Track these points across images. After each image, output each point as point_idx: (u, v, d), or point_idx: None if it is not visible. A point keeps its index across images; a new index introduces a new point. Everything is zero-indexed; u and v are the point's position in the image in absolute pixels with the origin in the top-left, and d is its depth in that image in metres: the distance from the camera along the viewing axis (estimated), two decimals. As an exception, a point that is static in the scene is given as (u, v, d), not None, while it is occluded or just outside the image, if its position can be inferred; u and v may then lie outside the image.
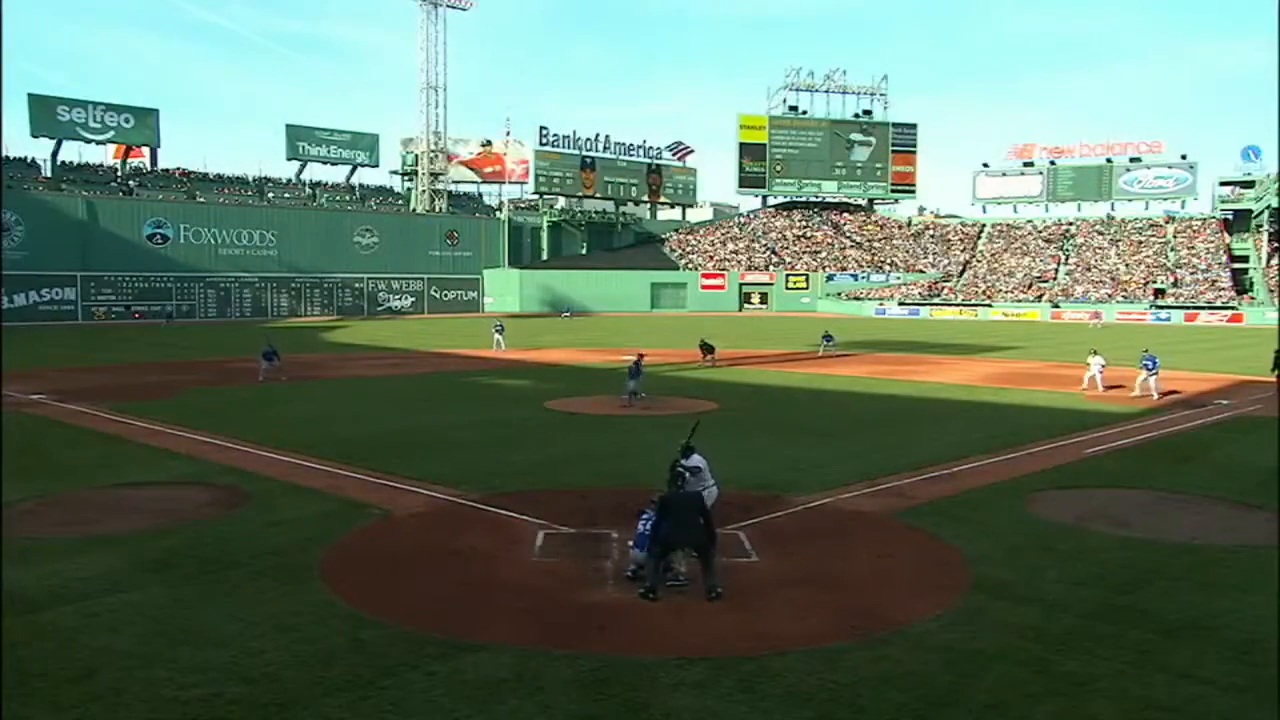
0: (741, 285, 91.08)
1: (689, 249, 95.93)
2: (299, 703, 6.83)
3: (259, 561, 10.29)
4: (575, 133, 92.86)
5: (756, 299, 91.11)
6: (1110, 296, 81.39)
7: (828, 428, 20.02)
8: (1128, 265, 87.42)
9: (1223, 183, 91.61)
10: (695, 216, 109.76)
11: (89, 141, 71.09)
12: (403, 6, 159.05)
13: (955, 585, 9.61)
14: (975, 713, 6.78)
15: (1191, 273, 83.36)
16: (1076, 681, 7.31)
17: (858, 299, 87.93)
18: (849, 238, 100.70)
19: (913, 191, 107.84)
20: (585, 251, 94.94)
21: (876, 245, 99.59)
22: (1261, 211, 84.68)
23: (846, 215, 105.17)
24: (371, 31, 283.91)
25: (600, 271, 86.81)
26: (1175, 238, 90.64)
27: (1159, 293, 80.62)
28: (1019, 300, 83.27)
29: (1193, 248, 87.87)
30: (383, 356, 39.16)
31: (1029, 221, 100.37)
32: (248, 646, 7.84)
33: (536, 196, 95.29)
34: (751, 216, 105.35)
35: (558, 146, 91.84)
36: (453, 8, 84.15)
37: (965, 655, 7.77)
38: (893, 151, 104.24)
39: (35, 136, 68.18)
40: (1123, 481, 14.67)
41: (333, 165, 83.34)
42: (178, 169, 79.12)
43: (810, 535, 11.52)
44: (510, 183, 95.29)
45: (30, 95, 67.31)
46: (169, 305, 68.08)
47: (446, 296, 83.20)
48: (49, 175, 70.26)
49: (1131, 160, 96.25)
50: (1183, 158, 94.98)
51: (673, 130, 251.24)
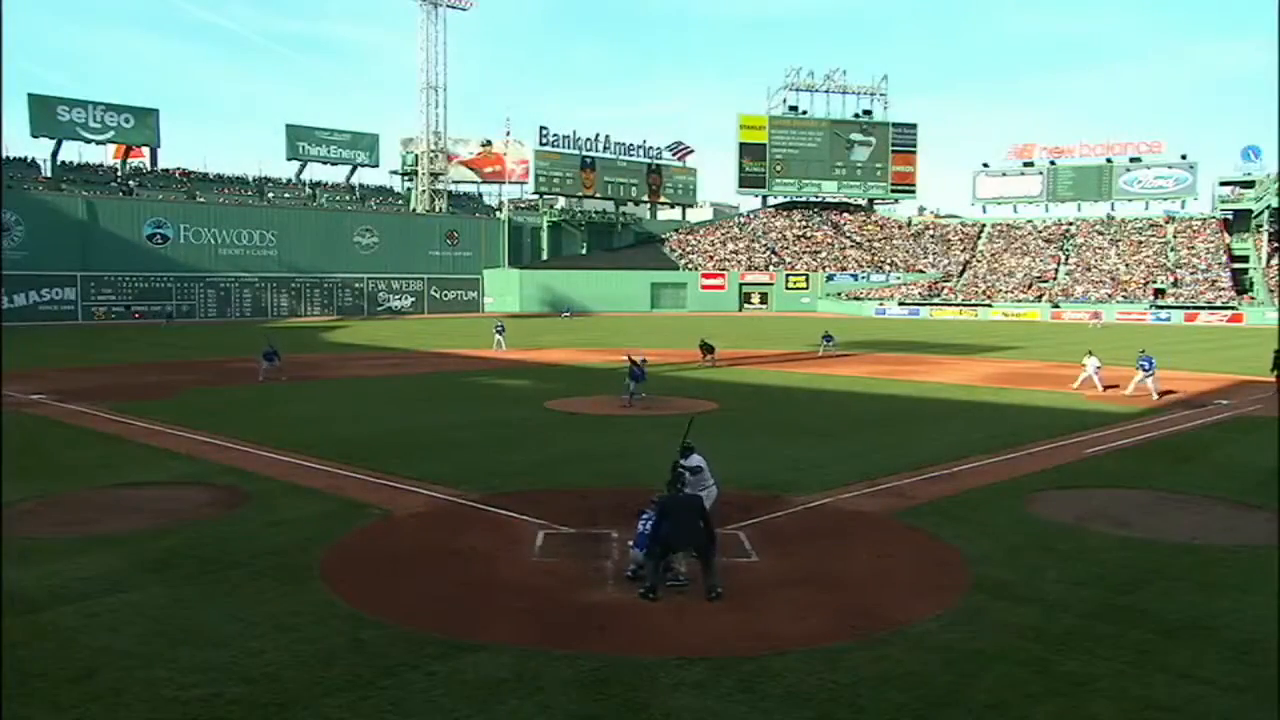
0: (741, 285, 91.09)
1: (689, 249, 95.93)
2: (299, 703, 6.83)
3: (259, 561, 10.29)
4: (575, 133, 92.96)
5: (756, 299, 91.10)
6: (1110, 296, 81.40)
7: (828, 428, 20.02)
8: (1128, 265, 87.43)
9: (1223, 183, 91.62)
10: (695, 216, 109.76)
11: (89, 141, 71.10)
12: (403, 6, 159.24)
13: (955, 585, 9.61)
14: (975, 713, 6.77)
15: (1191, 273, 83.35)
16: (1076, 681, 7.30)
17: (858, 299, 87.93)
18: (849, 238, 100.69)
19: (913, 191, 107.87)
20: (585, 251, 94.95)
21: (876, 245, 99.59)
22: (1261, 211, 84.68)
23: (846, 215, 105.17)
24: (371, 31, 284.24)
25: (600, 271, 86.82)
26: (1175, 238, 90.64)
27: (1159, 293, 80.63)
28: (1019, 300, 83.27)
29: (1193, 248, 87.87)
30: (383, 356, 39.15)
31: (1029, 221, 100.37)
32: (248, 646, 7.84)
33: (536, 196, 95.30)
34: (751, 216, 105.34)
35: (558, 146, 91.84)
36: (453, 8, 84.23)
37: (965, 655, 7.77)
38: (893, 151, 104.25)
39: (35, 136, 68.27)
40: (1123, 481, 14.67)
41: (333, 165, 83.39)
42: (178, 169, 79.12)
43: (810, 535, 11.52)
44: (510, 183, 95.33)
45: (30, 95, 67.37)
46: (169, 305, 68.09)
47: (446, 296, 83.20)
48: (49, 175, 70.28)
49: (1131, 160, 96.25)
50: (1183, 158, 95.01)
51: (673, 130, 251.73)
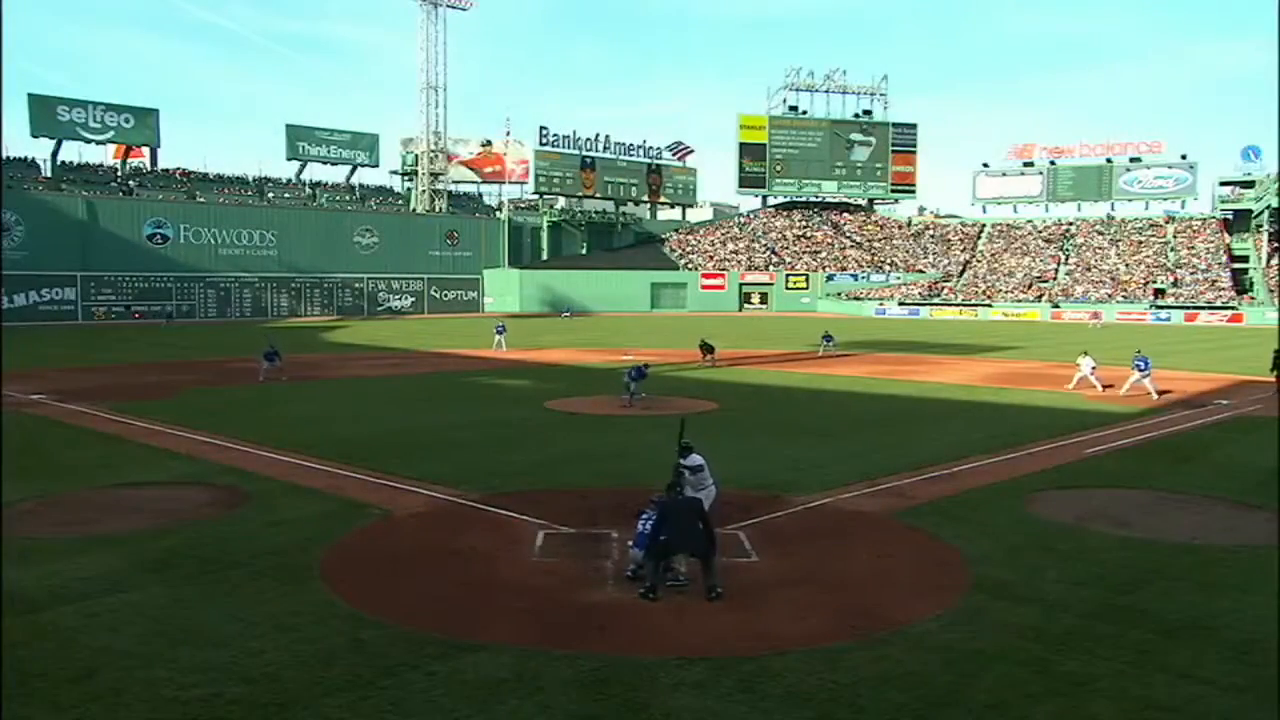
0: (741, 285, 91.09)
1: (689, 249, 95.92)
2: (299, 703, 6.82)
3: (259, 561, 10.28)
4: (575, 133, 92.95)
5: (756, 299, 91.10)
6: (1110, 296, 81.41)
7: (828, 428, 20.01)
8: (1128, 265, 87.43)
9: (1223, 183, 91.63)
10: (695, 216, 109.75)
11: (89, 141, 71.10)
12: (403, 6, 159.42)
13: (955, 585, 9.61)
14: (975, 713, 6.77)
15: (1191, 273, 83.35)
16: (1076, 681, 7.30)
17: (858, 299, 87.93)
18: (849, 238, 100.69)
19: (913, 191, 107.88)
20: (585, 251, 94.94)
21: (876, 245, 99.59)
22: (1261, 211, 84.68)
23: (846, 215, 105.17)
24: (371, 31, 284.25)
25: (600, 271, 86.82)
26: (1175, 238, 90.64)
27: (1159, 293, 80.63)
28: (1019, 300, 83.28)
29: (1193, 248, 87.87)
30: (383, 356, 39.14)
31: (1029, 221, 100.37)
32: (248, 646, 7.84)
33: (536, 196, 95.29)
34: (751, 216, 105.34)
35: (558, 146, 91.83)
36: (453, 8, 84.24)
37: (965, 655, 7.77)
38: (893, 151, 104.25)
39: (35, 136, 68.26)
40: (1123, 481, 14.66)
41: (333, 165, 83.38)
42: (178, 169, 79.12)
43: (810, 535, 11.52)
44: (510, 183, 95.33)
45: (30, 95, 67.35)
46: (169, 305, 68.09)
47: (446, 296, 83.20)
48: (49, 175, 70.28)
49: (1131, 160, 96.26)
50: (1183, 158, 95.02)
51: (673, 130, 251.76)
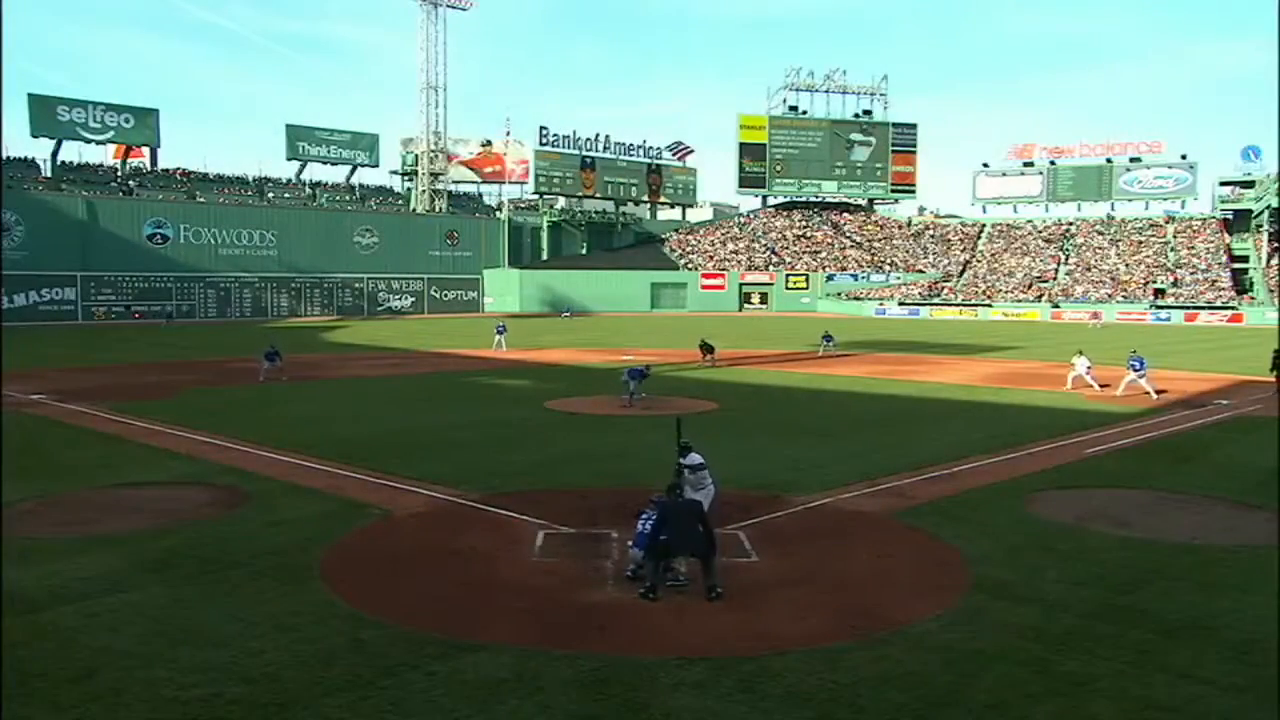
0: (741, 285, 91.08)
1: (689, 249, 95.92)
2: (299, 703, 6.83)
3: (259, 561, 10.29)
4: (575, 133, 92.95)
5: (756, 299, 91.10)
6: (1110, 296, 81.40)
7: (828, 428, 20.01)
8: (1128, 265, 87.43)
9: (1223, 183, 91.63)
10: (695, 216, 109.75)
11: (89, 141, 71.11)
12: (403, 6, 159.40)
13: (955, 585, 9.61)
14: (975, 713, 6.77)
15: (1191, 273, 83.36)
16: (1076, 681, 7.30)
17: (858, 299, 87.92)
18: (849, 238, 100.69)
19: (913, 191, 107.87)
20: (585, 251, 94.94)
21: (876, 245, 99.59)
22: (1261, 211, 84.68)
23: (846, 215, 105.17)
24: (371, 31, 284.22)
25: (600, 271, 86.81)
26: (1175, 238, 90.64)
27: (1159, 293, 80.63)
28: (1019, 300, 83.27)
29: (1193, 248, 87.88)
30: (383, 356, 39.15)
31: (1029, 221, 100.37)
32: (248, 646, 7.84)
33: (536, 196, 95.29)
34: (751, 216, 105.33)
35: (558, 146, 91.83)
36: (453, 8, 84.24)
37: (965, 655, 7.77)
38: (893, 151, 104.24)
39: (35, 136, 68.27)
40: (1123, 481, 14.66)
41: (333, 165, 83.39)
42: (178, 169, 79.12)
43: (810, 535, 11.52)
44: (510, 183, 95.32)
45: (30, 95, 67.37)
46: (169, 305, 68.09)
47: (446, 296, 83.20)
48: (49, 175, 70.29)
49: (1131, 160, 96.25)
50: (1183, 158, 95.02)
51: (673, 130, 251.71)
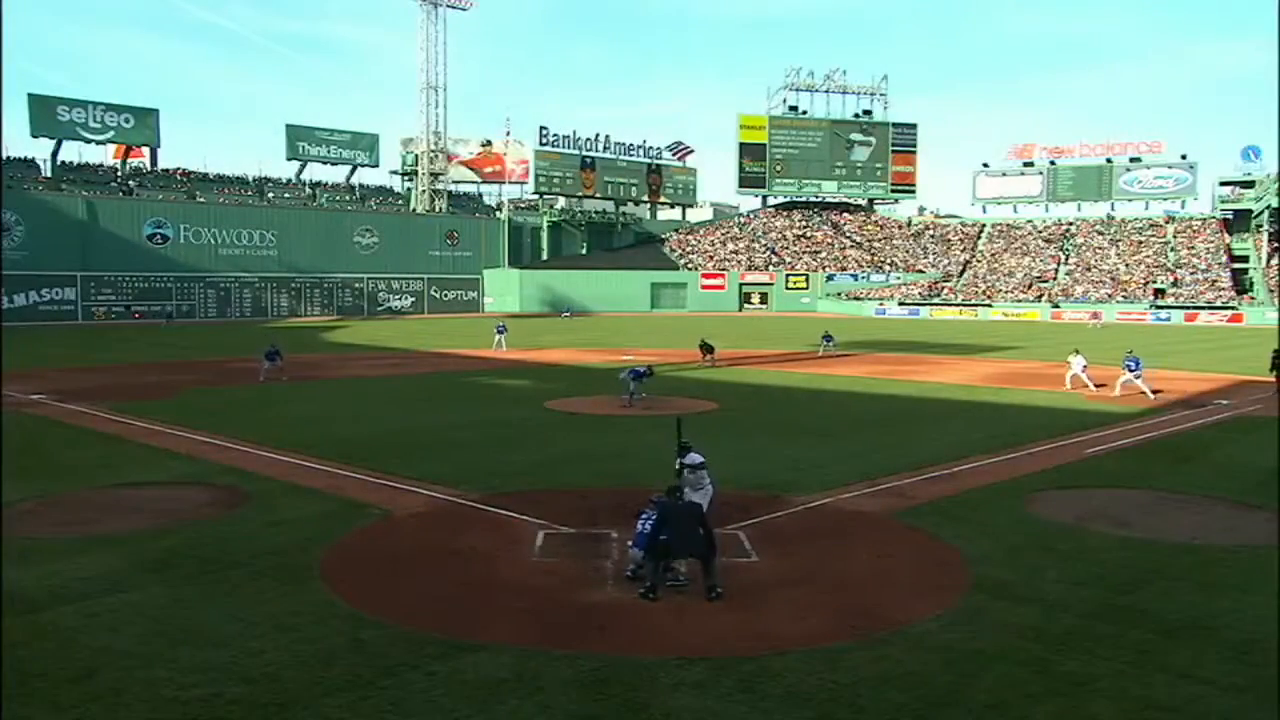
0: (741, 285, 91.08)
1: (689, 249, 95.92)
2: (299, 703, 6.82)
3: (259, 561, 10.28)
4: (575, 133, 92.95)
5: (756, 299, 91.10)
6: (1110, 296, 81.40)
7: (828, 428, 20.01)
8: (1128, 265, 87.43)
9: (1223, 183, 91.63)
10: (695, 216, 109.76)
11: (89, 141, 71.11)
12: (403, 6, 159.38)
13: (955, 585, 9.61)
14: (975, 713, 6.77)
15: (1191, 273, 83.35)
16: (1076, 681, 7.30)
17: (858, 299, 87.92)
18: (849, 238, 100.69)
19: (913, 191, 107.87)
20: (585, 251, 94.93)
21: (876, 245, 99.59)
22: (1261, 211, 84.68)
23: (846, 215, 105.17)
24: (371, 31, 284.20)
25: (600, 271, 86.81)
26: (1175, 238, 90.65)
27: (1159, 293, 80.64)
28: (1019, 300, 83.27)
29: (1193, 248, 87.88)
30: (383, 356, 39.14)
31: (1029, 221, 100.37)
32: (248, 646, 7.84)
33: (536, 196, 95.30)
34: (751, 216, 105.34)
35: (558, 146, 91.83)
36: (453, 8, 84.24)
37: (965, 655, 7.77)
38: (893, 151, 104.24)
39: (35, 136, 68.29)
40: (1123, 481, 14.66)
41: (333, 165, 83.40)
42: (178, 169, 79.12)
43: (810, 535, 11.52)
44: (510, 183, 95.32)
45: (30, 95, 67.37)
46: (169, 305, 68.09)
47: (446, 296, 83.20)
48: (49, 175, 70.28)
49: (1131, 160, 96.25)
50: (1183, 158, 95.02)
51: (673, 130, 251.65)
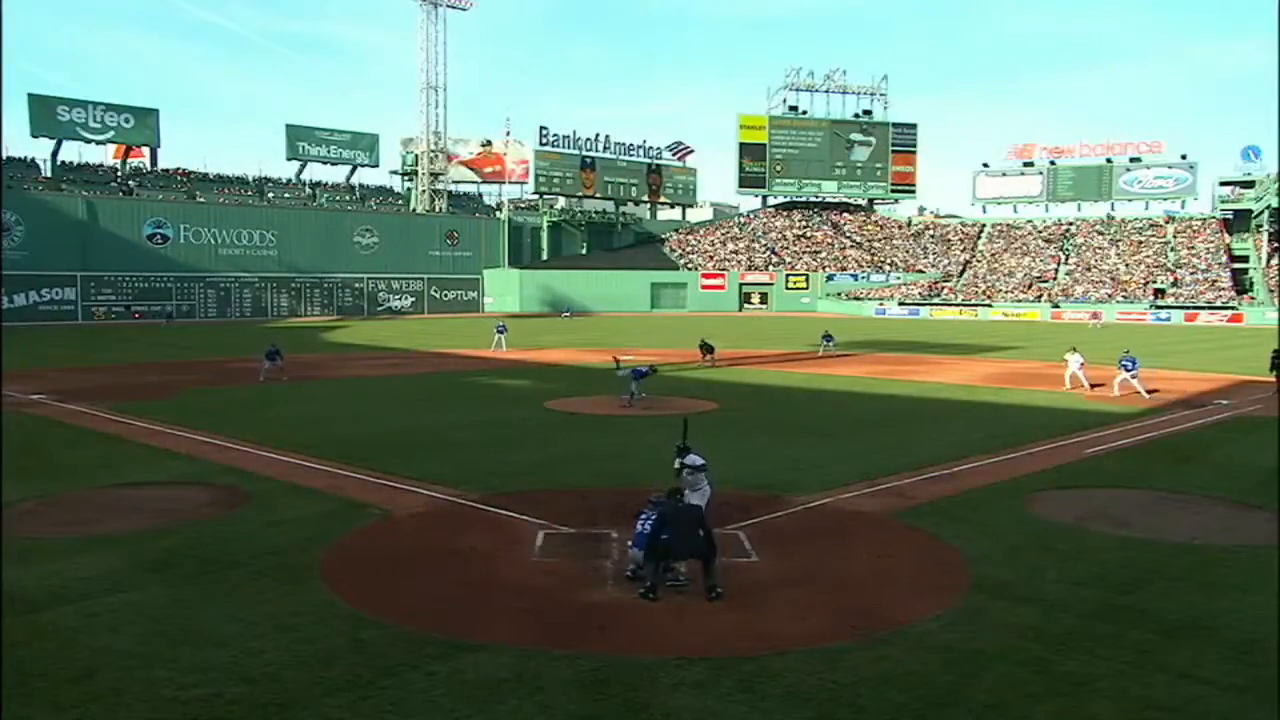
0: (741, 285, 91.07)
1: (689, 249, 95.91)
2: (299, 703, 6.83)
3: (259, 561, 10.28)
4: (575, 133, 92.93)
5: (756, 299, 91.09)
6: (1110, 296, 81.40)
7: (828, 428, 20.01)
8: (1128, 265, 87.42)
9: (1223, 183, 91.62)
10: (695, 216, 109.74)
11: (89, 141, 71.10)
12: (403, 6, 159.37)
13: (955, 585, 9.61)
14: (975, 713, 6.77)
15: (1191, 273, 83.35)
16: (1076, 681, 7.30)
17: (858, 299, 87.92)
18: (849, 238, 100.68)
19: (913, 191, 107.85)
20: (585, 251, 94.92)
21: (876, 245, 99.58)
22: (1261, 211, 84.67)
23: (846, 215, 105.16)
24: (371, 31, 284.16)
25: (600, 271, 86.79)
26: (1175, 238, 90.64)
27: (1159, 293, 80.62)
28: (1019, 300, 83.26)
29: (1193, 248, 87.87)
30: (383, 356, 39.14)
31: (1029, 221, 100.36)
32: (248, 646, 7.84)
33: (536, 196, 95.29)
34: (751, 216, 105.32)
35: (558, 146, 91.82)
36: (453, 8, 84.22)
37: (965, 655, 7.77)
38: (893, 151, 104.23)
39: (35, 136, 68.26)
40: (1123, 481, 14.66)
41: (333, 165, 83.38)
42: (178, 169, 79.10)
43: (810, 535, 11.52)
44: (510, 183, 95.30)
45: (30, 95, 67.35)
46: (169, 305, 68.07)
47: (446, 296, 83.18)
48: (49, 175, 70.27)
49: (1131, 160, 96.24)
50: (1183, 158, 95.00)
51: (673, 130, 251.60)
